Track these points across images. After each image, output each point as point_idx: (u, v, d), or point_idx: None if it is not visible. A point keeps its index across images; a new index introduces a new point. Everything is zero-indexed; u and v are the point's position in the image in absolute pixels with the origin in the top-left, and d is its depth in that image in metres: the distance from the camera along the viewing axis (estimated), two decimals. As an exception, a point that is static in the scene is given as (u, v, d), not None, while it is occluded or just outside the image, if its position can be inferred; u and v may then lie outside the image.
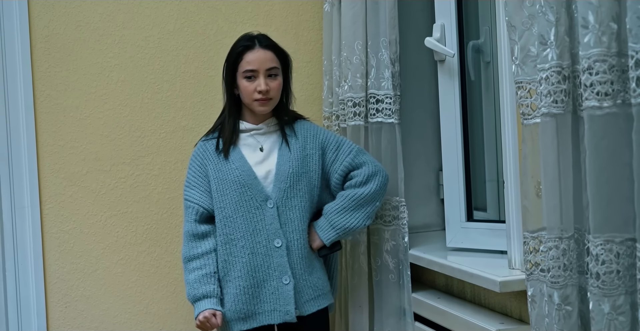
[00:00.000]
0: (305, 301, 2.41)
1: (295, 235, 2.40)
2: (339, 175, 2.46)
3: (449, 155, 2.65)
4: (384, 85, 2.61)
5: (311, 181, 2.44)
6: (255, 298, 2.38)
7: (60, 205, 2.78)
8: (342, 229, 2.42)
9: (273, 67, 2.40)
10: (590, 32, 1.60)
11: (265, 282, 2.38)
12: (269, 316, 2.38)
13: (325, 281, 2.48)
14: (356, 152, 2.47)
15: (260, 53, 2.40)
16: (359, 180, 2.43)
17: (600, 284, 1.64)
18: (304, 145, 2.45)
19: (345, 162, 2.45)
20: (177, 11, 2.90)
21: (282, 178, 2.39)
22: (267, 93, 2.38)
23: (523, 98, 1.86)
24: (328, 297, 2.49)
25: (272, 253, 2.37)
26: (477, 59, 2.67)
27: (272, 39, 2.46)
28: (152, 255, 2.88)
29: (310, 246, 2.43)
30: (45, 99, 2.76)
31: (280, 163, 2.41)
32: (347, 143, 2.50)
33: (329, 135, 2.51)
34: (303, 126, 2.49)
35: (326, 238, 2.43)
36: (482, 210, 2.70)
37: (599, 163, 1.62)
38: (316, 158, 2.45)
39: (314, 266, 2.45)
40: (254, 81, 2.39)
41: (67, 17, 2.78)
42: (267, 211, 2.38)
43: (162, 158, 2.89)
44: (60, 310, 2.78)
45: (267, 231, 2.38)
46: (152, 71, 2.88)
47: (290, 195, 2.40)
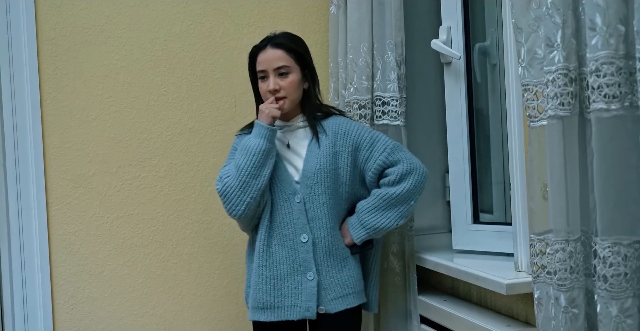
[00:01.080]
0: (332, 299, 2.37)
1: (322, 232, 2.37)
2: (372, 173, 2.39)
3: (455, 157, 2.65)
4: (390, 87, 2.61)
5: (339, 178, 2.40)
6: (277, 291, 2.36)
7: (66, 207, 2.78)
8: (372, 229, 2.37)
9: (282, 66, 2.38)
10: (598, 34, 1.60)
11: (288, 276, 2.36)
12: (289, 311, 2.36)
13: (357, 279, 2.43)
14: (391, 149, 2.39)
15: (269, 52, 2.39)
16: (392, 179, 2.36)
17: (608, 287, 1.63)
18: (334, 142, 2.40)
19: (378, 160, 2.38)
20: (183, 13, 2.91)
21: (309, 174, 2.37)
22: (277, 92, 2.37)
23: (529, 100, 1.86)
24: (360, 296, 2.44)
25: (298, 248, 2.36)
26: (483, 61, 2.67)
27: (290, 37, 2.44)
28: (159, 257, 2.88)
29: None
30: (51, 101, 2.76)
31: (308, 159, 2.39)
32: (383, 139, 2.41)
33: (364, 131, 2.43)
34: (335, 122, 2.44)
35: (356, 237, 2.39)
36: (489, 212, 2.70)
37: (607, 165, 1.62)
38: (346, 155, 2.40)
39: (346, 264, 2.40)
40: (266, 81, 2.40)
41: (74, 19, 2.79)
42: (294, 205, 2.37)
43: (168, 160, 2.89)
44: (66, 312, 2.78)
45: (294, 225, 2.37)
46: (158, 73, 2.88)
47: (317, 191, 2.37)
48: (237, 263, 2.94)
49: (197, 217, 2.92)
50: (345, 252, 2.41)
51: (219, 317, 2.94)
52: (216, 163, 2.91)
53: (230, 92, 2.95)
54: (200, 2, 2.92)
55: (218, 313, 2.94)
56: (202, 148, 2.92)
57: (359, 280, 2.43)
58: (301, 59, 2.42)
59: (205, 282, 2.92)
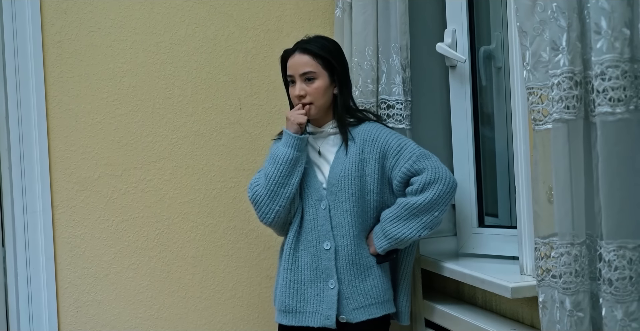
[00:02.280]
0: (354, 309, 2.35)
1: (346, 240, 2.35)
2: (398, 181, 2.35)
3: (460, 160, 2.65)
4: (394, 90, 2.61)
5: (366, 186, 2.37)
6: (300, 296, 2.36)
7: (72, 210, 2.79)
8: (393, 239, 2.32)
9: (308, 71, 2.37)
10: (603, 38, 1.60)
11: (312, 282, 2.36)
12: (310, 317, 2.35)
13: (383, 290, 2.39)
14: (417, 157, 2.33)
15: (296, 58, 2.39)
16: (415, 188, 2.30)
17: (613, 290, 1.63)
18: (362, 149, 2.37)
19: (403, 168, 2.33)
20: (188, 17, 2.91)
21: (334, 181, 2.37)
22: (303, 98, 2.37)
23: (534, 103, 1.85)
24: (385, 307, 2.40)
25: (320, 255, 2.36)
26: (488, 64, 2.67)
27: (320, 42, 2.42)
28: (163, 260, 2.88)
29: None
30: (57, 105, 2.77)
31: (334, 166, 2.39)
32: (410, 147, 2.36)
33: (392, 138, 2.38)
34: (365, 128, 2.41)
35: (379, 246, 2.35)
36: (494, 215, 2.69)
37: (612, 169, 1.62)
38: (373, 162, 2.37)
39: (370, 273, 2.37)
40: (294, 86, 2.40)
41: (80, 23, 2.79)
42: (319, 211, 2.37)
43: (173, 164, 2.90)
44: (71, 315, 2.78)
45: (318, 232, 2.37)
46: (163, 76, 2.89)
47: (341, 198, 2.36)
48: (242, 266, 2.94)
49: (202, 220, 2.92)
50: (369, 261, 2.38)
51: (223, 320, 2.94)
52: (221, 166, 2.92)
53: (235, 95, 2.95)
54: (206, 5, 2.93)
55: (223, 316, 2.94)
56: (207, 151, 2.92)
57: (384, 290, 2.40)
58: (329, 64, 2.39)
59: (210, 285, 2.92)
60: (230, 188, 2.93)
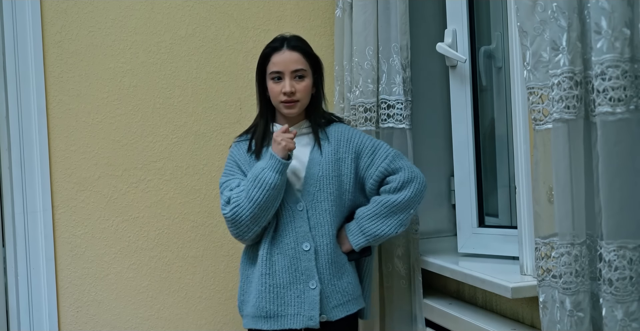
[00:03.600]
0: (334, 307, 2.37)
1: (325, 239, 2.36)
2: (374, 180, 2.40)
3: (461, 160, 2.64)
4: (395, 90, 2.61)
5: (342, 185, 2.40)
6: (280, 299, 2.35)
7: (72, 210, 2.79)
8: (371, 236, 2.37)
9: (299, 69, 2.38)
10: (603, 38, 1.60)
11: (291, 284, 2.35)
12: (292, 320, 2.35)
13: (356, 286, 2.43)
14: (392, 157, 2.40)
15: (287, 54, 2.38)
16: (394, 186, 2.36)
17: (614, 290, 1.63)
18: (337, 149, 2.41)
19: (380, 167, 2.39)
20: (188, 17, 2.91)
21: (312, 181, 2.37)
22: (293, 95, 2.36)
23: (535, 103, 1.85)
24: (358, 302, 2.44)
25: (300, 256, 2.35)
26: (488, 64, 2.67)
27: (303, 41, 2.44)
28: (164, 260, 2.88)
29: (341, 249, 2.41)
30: (57, 104, 2.77)
31: (310, 166, 2.39)
32: (384, 147, 2.43)
33: (365, 138, 2.44)
34: (337, 129, 2.45)
35: (355, 243, 2.38)
36: (494, 215, 2.69)
37: (612, 169, 1.62)
38: (349, 162, 2.41)
39: (345, 270, 2.40)
40: (279, 83, 2.38)
41: (80, 22, 2.79)
42: (296, 213, 2.36)
43: (173, 164, 2.90)
44: (72, 315, 2.79)
45: (296, 233, 2.36)
46: (164, 76, 2.89)
47: (319, 198, 2.37)
48: (242, 266, 2.95)
49: (203, 220, 2.92)
50: (344, 259, 2.41)
51: (224, 320, 2.94)
52: (221, 166, 2.91)
53: (235, 95, 2.95)
54: (206, 5, 2.93)
55: (223, 316, 2.94)
56: (207, 151, 2.92)
57: (356, 285, 2.44)
58: (314, 64, 2.43)
59: (210, 285, 2.93)
60: (230, 188, 2.93)
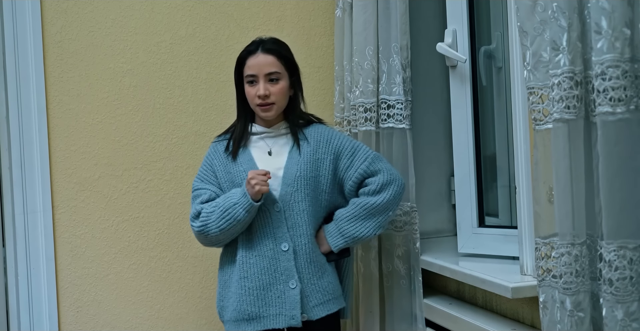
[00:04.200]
0: (314, 306, 2.38)
1: (303, 239, 2.37)
2: (353, 182, 2.42)
3: (461, 160, 2.64)
4: (395, 90, 2.61)
5: (319, 186, 2.41)
6: (261, 301, 2.36)
7: (72, 210, 2.79)
8: (350, 237, 2.39)
9: (273, 72, 2.38)
10: (603, 38, 1.60)
11: (271, 285, 2.36)
12: (274, 320, 2.36)
13: (336, 285, 2.45)
14: (372, 159, 2.42)
15: (261, 58, 2.39)
16: (373, 188, 2.39)
17: (614, 290, 1.63)
18: (316, 149, 2.42)
19: (360, 169, 2.41)
20: (189, 17, 2.91)
21: (289, 181, 2.37)
22: (267, 98, 2.37)
23: (535, 103, 1.85)
24: (339, 301, 2.46)
25: (279, 257, 2.36)
26: (488, 64, 2.67)
27: (279, 43, 2.44)
28: (164, 260, 2.88)
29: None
30: (57, 104, 2.77)
31: (288, 166, 2.39)
32: (363, 149, 2.45)
33: (344, 140, 2.46)
34: (317, 130, 2.46)
35: (334, 245, 2.40)
36: (494, 215, 2.69)
37: (612, 169, 1.62)
38: (327, 163, 2.42)
39: (325, 270, 2.41)
40: (255, 86, 2.39)
41: (80, 22, 2.79)
42: (274, 214, 2.37)
43: (173, 164, 2.90)
44: (72, 315, 2.79)
45: (274, 234, 2.36)
46: (164, 76, 2.89)
47: (297, 199, 2.37)
48: (242, 266, 2.94)
49: (203, 220, 2.92)
50: (323, 259, 2.42)
51: (224, 320, 2.94)
52: (221, 166, 2.92)
53: (235, 95, 2.95)
54: (206, 5, 2.93)
55: (223, 316, 2.94)
56: (207, 151, 2.92)
57: (337, 285, 2.46)
58: (290, 66, 2.43)
59: (210, 285, 2.92)
60: (230, 188, 2.93)
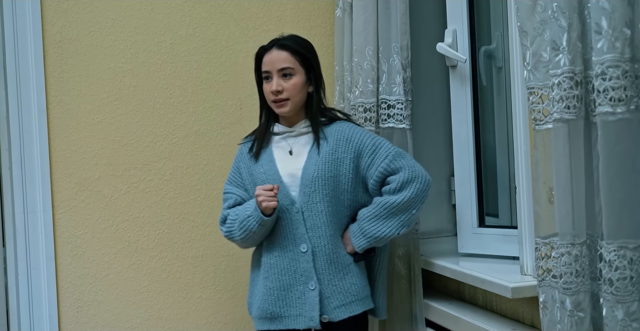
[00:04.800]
0: (335, 308, 2.35)
1: (322, 240, 2.35)
2: (374, 180, 2.36)
3: (461, 160, 2.64)
4: (395, 90, 2.61)
5: (340, 185, 2.37)
6: (282, 301, 2.36)
7: (72, 210, 2.79)
8: (372, 237, 2.33)
9: (286, 67, 2.37)
10: (604, 38, 1.60)
11: (291, 286, 2.36)
12: (295, 320, 2.35)
13: (361, 286, 2.40)
14: (393, 157, 2.35)
15: (274, 54, 2.38)
16: (393, 186, 2.32)
17: (614, 290, 1.63)
18: (335, 148, 2.38)
19: (380, 167, 2.34)
20: (189, 17, 2.91)
21: (307, 182, 2.36)
22: (280, 94, 2.36)
23: (535, 103, 1.85)
24: (365, 303, 2.41)
25: (298, 258, 2.35)
26: (489, 64, 2.67)
27: (296, 40, 2.43)
28: (164, 260, 2.88)
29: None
30: (58, 104, 2.77)
31: (307, 166, 2.37)
32: (385, 146, 2.37)
33: (366, 137, 2.39)
34: (338, 128, 2.42)
35: (357, 245, 2.36)
36: (494, 215, 2.69)
37: (613, 169, 1.62)
38: (347, 161, 2.37)
39: (348, 271, 2.38)
40: (270, 82, 2.39)
41: (80, 22, 2.79)
42: (293, 215, 2.36)
43: (173, 164, 2.90)
44: (72, 315, 2.79)
45: (293, 235, 2.36)
46: (164, 76, 2.89)
47: (315, 199, 2.35)
48: (242, 266, 2.94)
49: (203, 220, 2.92)
50: (347, 259, 2.39)
51: (224, 320, 2.94)
52: (222, 166, 2.92)
53: (235, 95, 2.95)
54: (206, 5, 2.93)
55: (223, 316, 2.94)
56: (207, 151, 2.92)
57: (362, 287, 2.41)
58: (306, 62, 2.40)
59: (210, 285, 2.93)
60: (230, 188, 2.93)
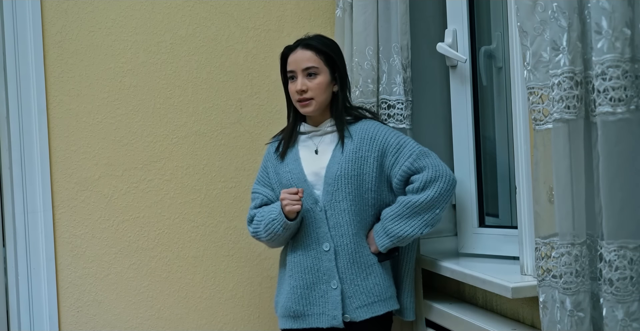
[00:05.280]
0: (358, 307, 2.36)
1: (345, 239, 2.36)
2: (398, 179, 2.36)
3: (461, 160, 2.64)
4: (395, 90, 2.61)
5: (363, 184, 2.37)
6: (305, 299, 2.38)
7: (72, 210, 2.79)
8: (395, 237, 2.33)
9: (311, 67, 2.38)
10: (604, 38, 1.60)
11: (315, 285, 2.37)
12: (318, 319, 2.37)
13: (385, 287, 2.40)
14: (417, 156, 2.34)
15: (299, 53, 2.40)
16: (416, 186, 2.31)
17: (614, 290, 1.63)
18: (359, 147, 2.37)
19: (404, 166, 2.34)
20: (189, 17, 2.91)
21: (330, 181, 2.36)
22: (304, 93, 2.37)
23: (535, 103, 1.85)
24: (388, 303, 2.41)
25: (321, 257, 2.37)
26: (489, 64, 2.66)
27: (321, 39, 2.44)
28: (164, 260, 2.88)
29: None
30: (58, 104, 2.77)
31: (330, 165, 2.38)
32: (410, 145, 2.37)
33: (391, 136, 2.39)
34: (363, 127, 2.41)
35: (380, 244, 2.36)
36: (494, 215, 2.69)
37: (613, 169, 1.62)
38: (371, 160, 2.37)
39: (371, 271, 2.38)
40: (295, 82, 2.40)
41: (80, 22, 2.79)
42: (316, 214, 2.37)
43: (174, 164, 2.90)
44: (72, 315, 2.78)
45: (316, 234, 2.37)
46: (164, 76, 2.89)
47: (338, 198, 2.36)
48: (242, 266, 2.94)
49: (203, 220, 2.92)
50: (370, 259, 2.38)
51: (224, 320, 2.94)
52: (222, 166, 2.92)
53: (235, 95, 2.95)
54: (206, 5, 2.93)
55: (223, 317, 2.94)
56: (207, 151, 2.92)
57: (386, 287, 2.40)
58: (331, 61, 2.41)
59: (210, 285, 2.93)
60: (230, 188, 2.93)
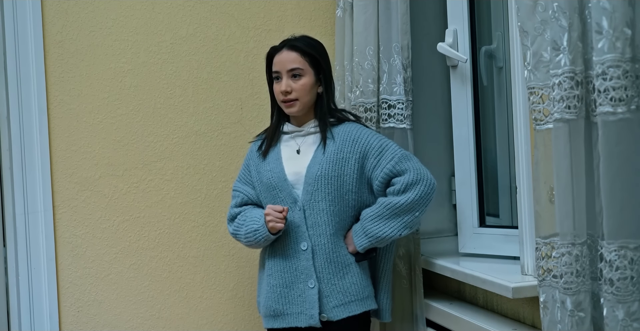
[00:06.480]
0: (334, 307, 2.36)
1: (322, 239, 2.36)
2: (379, 181, 2.37)
3: (462, 160, 2.64)
4: (396, 90, 2.61)
5: (344, 185, 2.38)
6: (284, 298, 2.38)
7: (73, 210, 2.79)
8: (374, 237, 2.34)
9: (296, 68, 2.38)
10: (604, 38, 1.60)
11: (293, 284, 2.38)
12: (297, 318, 2.37)
13: (362, 287, 2.40)
14: (399, 158, 2.35)
15: (284, 54, 2.41)
16: (398, 188, 2.32)
17: (615, 290, 1.63)
18: (341, 148, 2.38)
19: (385, 169, 2.34)
20: (189, 17, 2.91)
21: (310, 181, 2.37)
22: (289, 94, 2.38)
23: (535, 103, 1.85)
24: (364, 303, 2.41)
25: (299, 256, 2.37)
26: (489, 64, 2.67)
27: (307, 40, 2.45)
28: (164, 259, 2.88)
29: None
30: (58, 104, 2.77)
31: (311, 165, 2.39)
32: (392, 148, 2.38)
33: (373, 139, 2.40)
34: (345, 129, 2.42)
35: (359, 244, 2.36)
36: (495, 215, 2.69)
37: (613, 169, 1.62)
38: (352, 162, 2.38)
39: (348, 271, 2.38)
40: (279, 82, 2.41)
41: (81, 22, 2.79)
42: (295, 213, 2.38)
43: (174, 163, 2.90)
44: (72, 315, 2.79)
45: (295, 233, 2.38)
46: (164, 76, 2.89)
47: (317, 198, 2.37)
48: (242, 266, 2.94)
49: (203, 220, 2.92)
50: (347, 259, 2.39)
51: (224, 320, 2.94)
52: (222, 166, 2.92)
53: (236, 95, 2.95)
54: (207, 5, 2.93)
55: (224, 316, 2.94)
56: (208, 151, 2.92)
57: (363, 287, 2.41)
58: (316, 63, 2.42)
59: (211, 285, 2.93)
60: (231, 188, 2.92)
